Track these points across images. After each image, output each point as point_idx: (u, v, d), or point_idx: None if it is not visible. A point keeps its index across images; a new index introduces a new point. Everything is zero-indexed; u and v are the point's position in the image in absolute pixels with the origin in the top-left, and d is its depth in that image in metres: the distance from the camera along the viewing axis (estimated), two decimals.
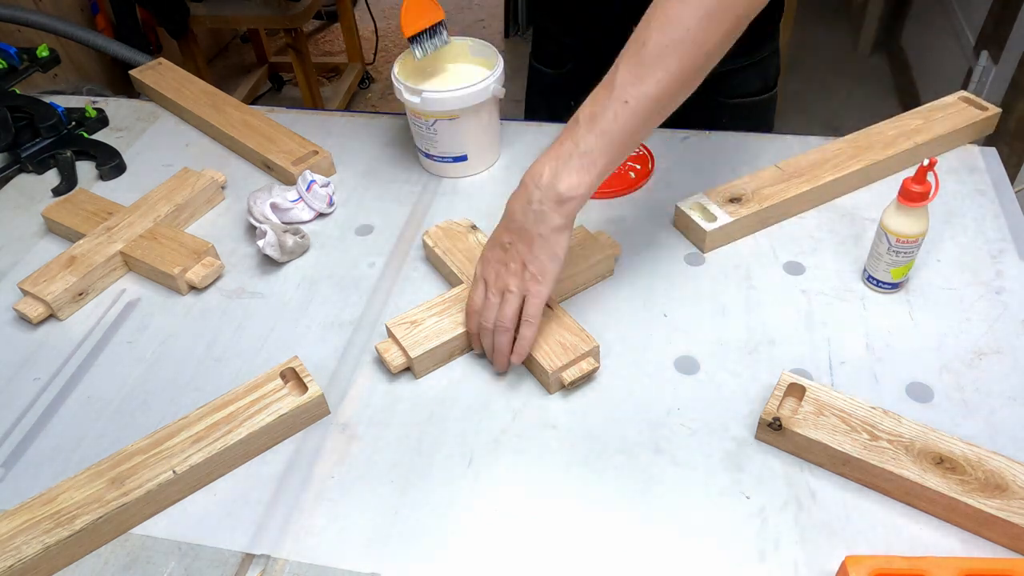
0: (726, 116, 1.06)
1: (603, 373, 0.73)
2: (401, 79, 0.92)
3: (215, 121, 1.06)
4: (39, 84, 1.27)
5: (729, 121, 1.06)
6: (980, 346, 0.73)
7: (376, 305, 0.82)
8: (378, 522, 0.63)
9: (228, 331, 0.81)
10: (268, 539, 0.63)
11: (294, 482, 0.67)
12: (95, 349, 0.80)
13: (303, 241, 0.88)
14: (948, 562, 0.55)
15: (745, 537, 0.61)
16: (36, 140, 1.05)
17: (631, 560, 0.60)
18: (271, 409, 0.68)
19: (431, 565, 0.60)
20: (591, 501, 0.64)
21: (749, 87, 1.07)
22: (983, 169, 0.93)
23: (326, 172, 1.00)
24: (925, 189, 0.71)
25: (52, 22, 1.35)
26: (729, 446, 0.67)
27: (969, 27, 2.19)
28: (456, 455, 0.68)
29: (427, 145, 0.96)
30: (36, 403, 0.75)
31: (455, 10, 3.53)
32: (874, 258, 0.77)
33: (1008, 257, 0.82)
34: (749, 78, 1.06)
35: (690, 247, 0.86)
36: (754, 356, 0.74)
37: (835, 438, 0.63)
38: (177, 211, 0.92)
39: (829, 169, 0.89)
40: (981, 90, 2.00)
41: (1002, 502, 0.58)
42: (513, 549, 0.61)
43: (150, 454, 0.65)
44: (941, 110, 0.96)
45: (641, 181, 0.95)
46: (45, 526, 0.61)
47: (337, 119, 1.11)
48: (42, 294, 0.81)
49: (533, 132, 1.05)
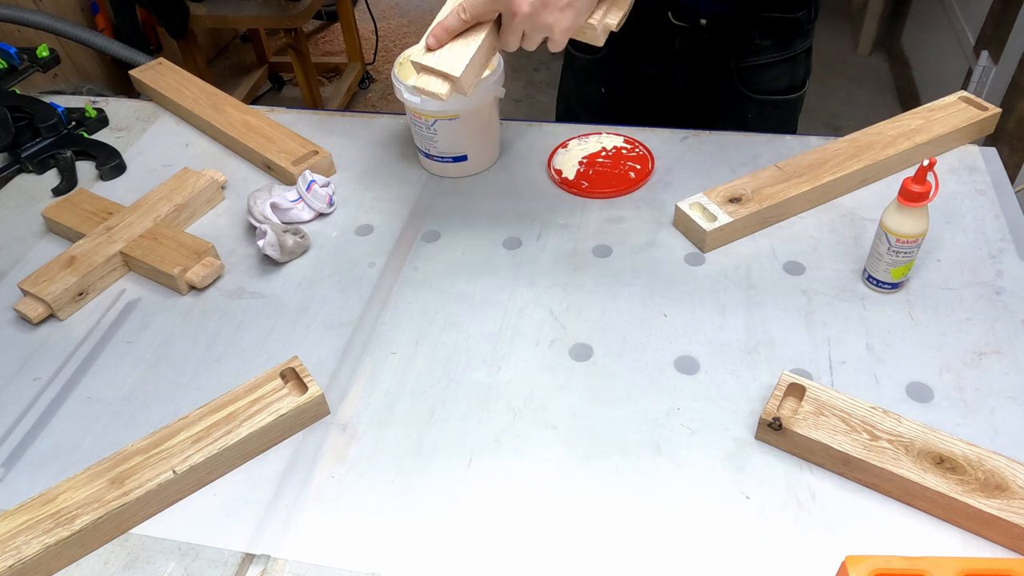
0: (752, 111, 1.07)
1: (603, 373, 0.73)
2: (401, 79, 0.92)
3: (215, 121, 1.06)
4: (39, 84, 1.27)
5: (754, 117, 1.06)
6: (980, 346, 0.73)
7: (376, 305, 0.82)
8: (378, 522, 0.63)
9: (228, 331, 0.81)
10: (268, 539, 0.63)
11: (294, 482, 0.67)
12: (95, 349, 0.80)
13: (303, 241, 0.88)
14: (948, 562, 0.55)
15: (745, 537, 0.61)
16: (36, 140, 1.05)
17: (631, 560, 0.60)
18: (271, 409, 0.68)
19: (431, 565, 0.60)
20: (591, 501, 0.64)
21: (778, 84, 1.07)
22: (983, 169, 0.93)
23: (326, 172, 1.00)
24: (925, 189, 0.71)
25: (52, 22, 1.35)
26: (729, 446, 0.67)
27: (969, 27, 2.19)
28: (456, 455, 0.68)
29: (427, 145, 0.96)
30: (36, 403, 0.75)
31: None
32: (874, 258, 0.77)
33: (1008, 257, 0.82)
34: (779, 75, 1.06)
35: (690, 247, 0.86)
36: (754, 356, 0.74)
37: (835, 438, 0.63)
38: (177, 211, 0.92)
39: (829, 169, 0.89)
40: (981, 90, 2.00)
41: (1002, 502, 0.58)
42: (513, 549, 0.61)
43: (150, 454, 0.65)
44: (941, 110, 0.96)
45: (641, 181, 0.95)
46: (45, 526, 0.61)
47: (337, 119, 1.11)
48: (42, 294, 0.81)
49: (533, 132, 1.05)
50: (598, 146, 0.99)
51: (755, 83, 1.05)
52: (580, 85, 1.19)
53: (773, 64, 1.03)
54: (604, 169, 0.96)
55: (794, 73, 1.07)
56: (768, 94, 1.07)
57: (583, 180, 0.95)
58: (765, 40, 0.78)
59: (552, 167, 0.97)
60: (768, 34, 0.86)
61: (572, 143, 1.00)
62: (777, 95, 1.08)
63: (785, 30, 0.66)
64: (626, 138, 1.00)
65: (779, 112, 1.10)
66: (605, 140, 1.00)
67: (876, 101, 2.69)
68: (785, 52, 1.03)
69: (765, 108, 1.08)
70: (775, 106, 1.09)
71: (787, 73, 1.07)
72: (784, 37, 1.00)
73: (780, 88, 1.08)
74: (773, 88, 1.07)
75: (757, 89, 1.06)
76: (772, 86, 1.07)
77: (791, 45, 1.03)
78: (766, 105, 1.08)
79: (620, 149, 0.99)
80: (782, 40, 1.00)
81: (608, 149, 0.99)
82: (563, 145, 1.00)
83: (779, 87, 1.08)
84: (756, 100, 1.07)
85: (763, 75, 1.04)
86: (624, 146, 0.99)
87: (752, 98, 1.06)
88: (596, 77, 1.16)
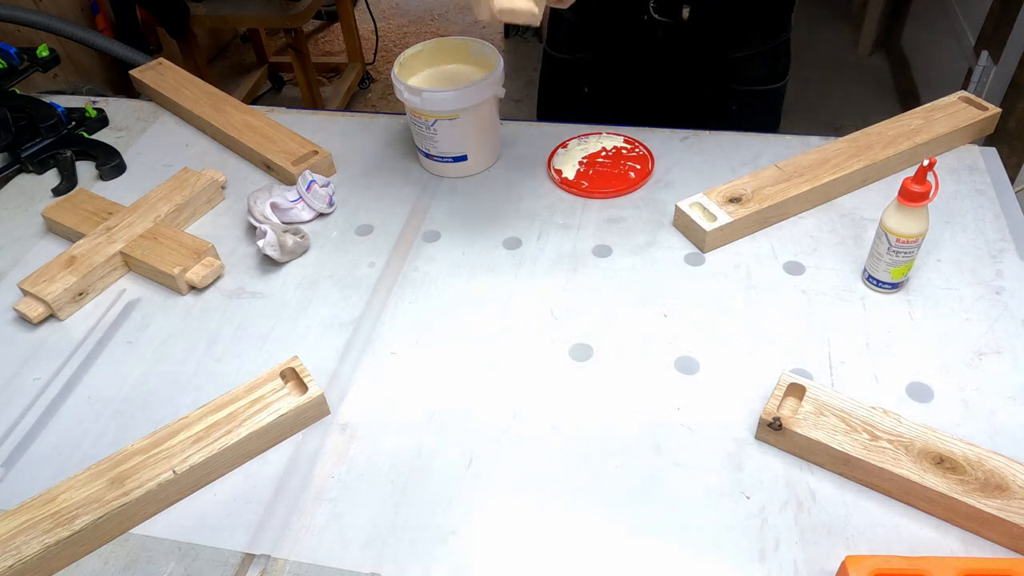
0: (735, 104, 1.07)
1: (604, 373, 0.73)
2: (401, 79, 0.92)
3: (215, 121, 1.06)
4: (39, 84, 1.27)
5: (737, 109, 1.06)
6: (980, 346, 0.73)
7: (376, 305, 0.82)
8: (378, 522, 0.63)
9: (228, 331, 0.81)
10: (268, 539, 0.63)
11: (294, 482, 0.67)
12: (95, 349, 0.80)
13: (303, 241, 0.88)
14: (948, 562, 0.55)
15: (745, 537, 0.61)
16: (36, 140, 1.05)
17: (631, 560, 0.60)
18: (271, 409, 0.68)
19: (431, 565, 0.60)
20: (591, 501, 0.64)
21: (759, 75, 1.07)
22: (983, 169, 0.93)
23: (326, 172, 1.00)
24: (925, 189, 0.71)
25: (52, 22, 1.35)
26: (729, 446, 0.67)
27: (969, 27, 2.19)
28: (456, 455, 0.68)
29: (427, 145, 0.96)
30: (36, 403, 0.75)
31: (455, 10, 3.53)
32: (874, 258, 0.77)
33: (1008, 257, 0.82)
34: (760, 66, 1.06)
35: (690, 247, 0.86)
36: (754, 356, 0.74)
37: (835, 438, 0.63)
38: (177, 211, 0.93)
39: (829, 169, 0.89)
40: (981, 90, 2.00)
41: (1002, 502, 0.58)
42: (513, 549, 0.61)
43: (150, 454, 0.65)
44: (941, 110, 0.96)
45: (641, 181, 0.95)
46: (45, 526, 0.61)
47: (337, 119, 1.11)
48: (42, 294, 0.81)
49: (533, 132, 1.05)
50: (598, 146, 0.99)
51: (738, 75, 1.05)
52: (558, 85, 1.19)
53: (755, 56, 1.03)
54: (604, 169, 0.96)
55: (776, 64, 1.07)
56: (751, 85, 1.07)
57: (583, 180, 0.95)
58: (746, 32, 0.78)
59: (552, 167, 0.97)
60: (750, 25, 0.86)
61: (572, 143, 1.00)
62: (760, 86, 1.08)
63: (767, 20, 0.66)
64: (626, 138, 1.00)
65: (763, 103, 1.10)
66: (605, 140, 1.00)
67: (876, 101, 2.69)
68: (767, 43, 1.03)
69: (748, 99, 1.08)
70: (758, 97, 1.09)
71: (769, 64, 1.07)
72: (766, 27, 0.99)
73: (763, 78, 1.08)
74: (756, 79, 1.07)
75: (740, 81, 1.06)
76: (755, 77, 1.07)
77: (773, 36, 1.03)
78: (749, 96, 1.08)
79: (620, 149, 0.99)
80: (764, 31, 1.00)
81: (608, 149, 0.99)
82: (563, 145, 1.00)
83: (761, 77, 1.08)
84: (739, 92, 1.07)
85: (745, 67, 1.04)
86: (624, 146, 0.99)
87: (735, 91, 1.06)
88: (575, 76, 1.15)
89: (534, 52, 2.88)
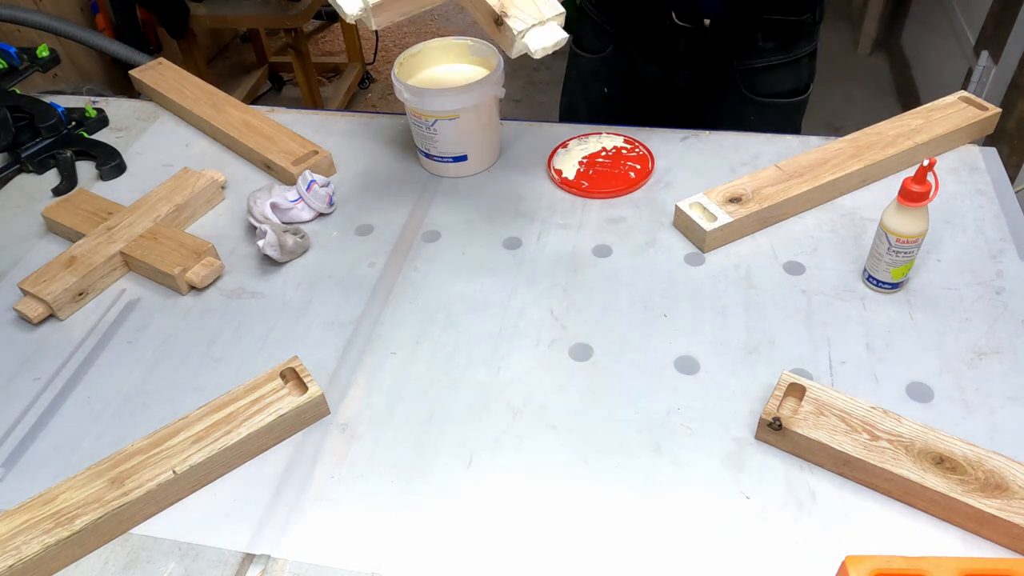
0: (755, 114, 1.06)
1: (603, 373, 0.73)
2: (401, 79, 0.92)
3: (215, 121, 1.06)
4: (39, 84, 1.27)
5: (756, 120, 1.06)
6: (980, 346, 0.73)
7: (376, 305, 0.82)
8: (378, 522, 0.63)
9: (228, 331, 0.81)
10: (268, 539, 0.63)
11: (294, 482, 0.67)
12: (95, 349, 0.80)
13: (303, 241, 0.88)
14: (948, 562, 0.55)
15: (745, 537, 0.61)
16: (36, 140, 1.05)
17: (631, 560, 0.60)
18: (271, 409, 0.68)
19: (431, 565, 0.60)
20: (591, 501, 0.64)
21: (781, 87, 1.07)
22: (983, 169, 0.93)
23: (326, 172, 1.00)
24: (925, 189, 0.71)
25: (52, 22, 1.35)
26: (729, 446, 0.67)
27: (969, 27, 2.19)
28: (456, 455, 0.68)
29: (427, 145, 0.96)
30: (36, 403, 0.75)
31: (455, 10, 3.53)
32: (874, 258, 0.77)
33: (1008, 257, 0.82)
34: (782, 78, 1.05)
35: (690, 247, 0.86)
36: (754, 356, 0.74)
37: (835, 438, 0.63)
38: (177, 211, 0.93)
39: (829, 169, 0.89)
40: (981, 90, 2.00)
41: (1002, 502, 0.58)
42: (513, 549, 0.61)
43: (150, 454, 0.65)
44: (941, 110, 0.96)
45: (641, 181, 0.95)
46: (45, 526, 0.61)
47: (337, 119, 1.11)
48: (42, 294, 0.81)
49: (533, 132, 1.05)
50: (598, 146, 0.99)
51: (758, 85, 1.05)
52: (583, 85, 1.19)
53: (776, 67, 1.02)
54: (604, 169, 0.96)
55: (798, 76, 1.07)
56: (771, 97, 1.07)
57: (583, 180, 0.95)
58: (769, 42, 0.77)
59: (552, 167, 0.97)
60: (772, 36, 0.85)
61: (572, 143, 1.00)
62: (780, 98, 1.08)
63: (789, 32, 0.65)
64: (626, 138, 1.00)
65: (782, 115, 1.09)
66: (605, 140, 1.00)
67: (876, 101, 2.69)
68: (789, 55, 1.03)
69: (768, 111, 1.07)
70: (778, 109, 1.08)
71: (791, 76, 1.06)
72: (788, 39, 0.99)
73: (783, 91, 1.07)
74: (776, 91, 1.07)
75: (760, 92, 1.06)
76: (775, 89, 1.06)
77: (795, 48, 1.03)
78: (768, 108, 1.07)
79: (620, 149, 0.99)
80: (786, 42, 1.00)
81: (608, 149, 0.99)
82: (563, 145, 1.00)
83: (782, 90, 1.07)
84: (758, 103, 1.06)
85: (766, 78, 1.03)
86: (624, 146, 0.99)
87: (754, 100, 1.06)
88: (599, 77, 1.16)
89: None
